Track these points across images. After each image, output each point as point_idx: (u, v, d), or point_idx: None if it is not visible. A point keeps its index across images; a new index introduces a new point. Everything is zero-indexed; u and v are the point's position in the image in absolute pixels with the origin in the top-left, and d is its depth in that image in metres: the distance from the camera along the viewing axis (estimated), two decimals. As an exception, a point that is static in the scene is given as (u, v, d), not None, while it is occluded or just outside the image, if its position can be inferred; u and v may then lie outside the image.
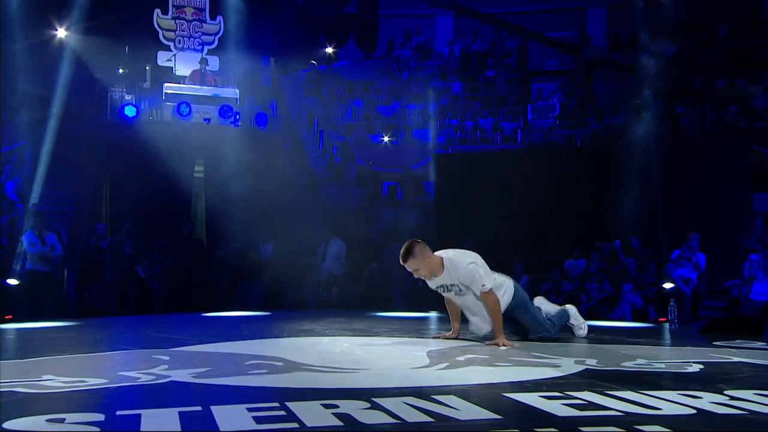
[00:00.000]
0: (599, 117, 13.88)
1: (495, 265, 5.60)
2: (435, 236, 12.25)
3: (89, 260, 10.37)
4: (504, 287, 5.30)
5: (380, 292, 10.85)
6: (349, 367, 4.03)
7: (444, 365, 4.15)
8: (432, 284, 5.28)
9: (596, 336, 6.18)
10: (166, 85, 13.23)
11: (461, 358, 4.46)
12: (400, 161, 14.91)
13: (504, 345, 5.02)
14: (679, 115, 14.35)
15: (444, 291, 5.29)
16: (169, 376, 3.55)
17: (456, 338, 5.45)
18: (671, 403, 3.10)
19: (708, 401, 3.14)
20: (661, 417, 2.83)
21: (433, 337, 5.60)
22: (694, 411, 2.95)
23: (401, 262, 5.08)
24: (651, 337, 6.22)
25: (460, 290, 5.19)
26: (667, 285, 9.91)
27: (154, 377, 3.50)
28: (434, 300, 10.17)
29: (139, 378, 3.45)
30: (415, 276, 5.18)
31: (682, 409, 3.00)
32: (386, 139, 15.60)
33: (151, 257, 10.85)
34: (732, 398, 3.20)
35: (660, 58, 15.48)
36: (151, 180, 11.46)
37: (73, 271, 10.23)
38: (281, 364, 4.11)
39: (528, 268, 11.69)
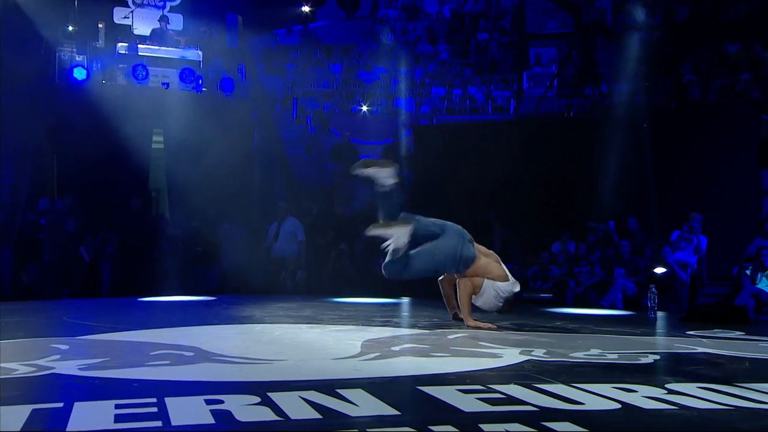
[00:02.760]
0: (598, 85, 13.75)
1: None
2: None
3: (25, 238, 10.31)
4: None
5: (347, 276, 10.80)
6: (265, 358, 3.98)
7: (372, 356, 4.11)
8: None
9: (563, 324, 6.15)
10: (120, 45, 13.07)
11: (396, 348, 4.43)
12: (380, 133, 14.79)
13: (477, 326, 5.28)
14: (687, 84, 14.24)
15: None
16: (53, 368, 3.49)
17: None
18: (598, 397, 3.07)
19: (641, 395, 3.10)
20: (576, 413, 2.79)
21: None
22: (619, 406, 2.92)
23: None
24: (623, 326, 6.18)
25: None
26: (659, 270, 9.86)
27: (35, 369, 3.45)
28: (407, 285, 10.30)
29: (17, 370, 3.40)
30: None
31: (607, 403, 2.96)
32: (365, 108, 15.48)
33: (97, 236, 10.79)
34: (670, 392, 3.17)
35: (670, 19, 15.37)
36: (104, 151, 11.35)
37: (8, 250, 10.16)
38: (191, 354, 4.07)
39: (514, 251, 11.65)
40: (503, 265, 5.72)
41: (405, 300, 9.15)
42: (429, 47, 17.24)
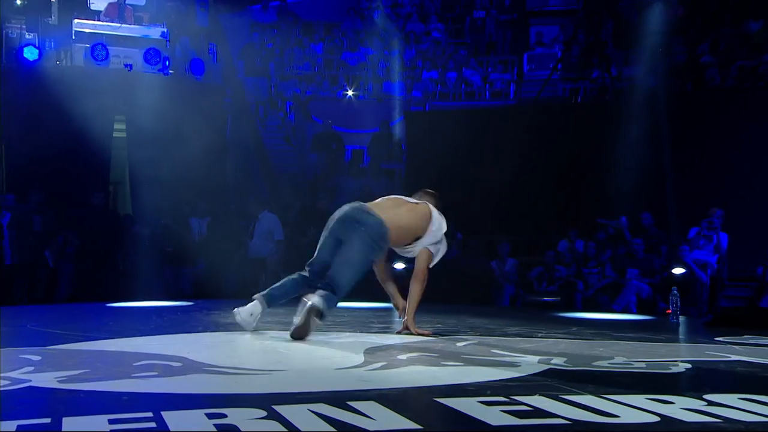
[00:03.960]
0: (608, 68, 13.86)
1: (478, 245, 5.77)
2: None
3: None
4: None
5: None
6: (262, 369, 4.01)
7: (378, 365, 4.14)
8: None
9: (579, 330, 6.22)
10: (76, 21, 12.98)
11: (403, 357, 4.46)
12: (367, 120, 14.83)
13: (417, 332, 5.36)
14: (704, 65, 14.35)
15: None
16: (29, 381, 3.49)
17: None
18: (634, 409, 3.11)
19: (679, 407, 3.15)
20: (613, 426, 2.83)
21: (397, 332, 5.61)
22: (658, 419, 2.96)
23: None
24: (645, 331, 6.25)
25: None
26: (678, 270, 9.97)
27: (8, 382, 3.45)
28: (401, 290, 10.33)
29: (-10, 383, 3.40)
30: None
31: (644, 416, 3.01)
32: (351, 93, 15.51)
33: (58, 236, 10.75)
34: (710, 403, 3.21)
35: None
36: (58, 141, 11.29)
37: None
38: (179, 364, 4.08)
39: (516, 250, 11.73)
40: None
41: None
42: (420, 25, 17.30)
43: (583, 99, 14.24)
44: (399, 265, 10.60)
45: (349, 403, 3.10)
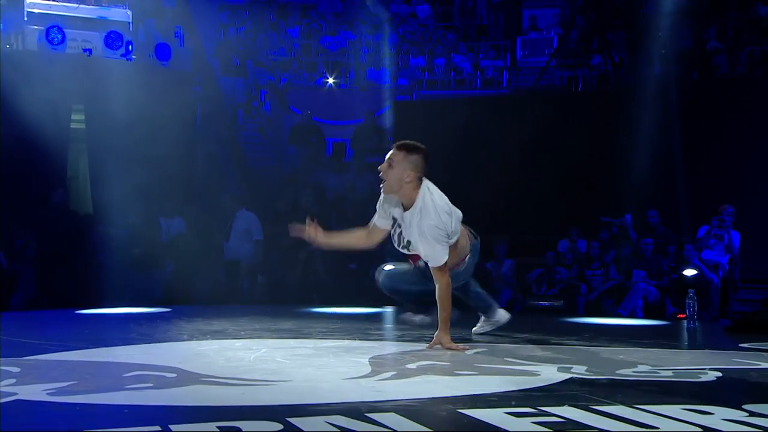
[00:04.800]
0: (609, 54, 13.98)
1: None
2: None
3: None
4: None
5: (320, 282, 10.87)
6: (264, 379, 4.04)
7: (388, 375, 4.19)
8: (385, 206, 5.30)
9: (592, 336, 6.29)
10: (29, 1, 12.85)
11: (412, 366, 4.51)
12: (349, 110, 14.85)
13: (450, 348, 5.11)
14: (711, 52, 14.51)
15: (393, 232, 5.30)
16: (16, 394, 3.51)
17: None
18: (671, 420, 3.18)
19: (720, 418, 3.22)
20: (655, 437, 2.90)
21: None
22: (700, 430, 3.03)
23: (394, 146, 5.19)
24: (662, 337, 6.35)
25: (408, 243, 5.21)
26: (689, 272, 10.09)
27: (-6, 395, 3.46)
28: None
29: (-28, 397, 3.41)
30: (381, 175, 5.16)
31: (685, 427, 3.08)
32: (331, 81, 15.52)
33: (16, 238, 10.68)
34: (751, 414, 3.29)
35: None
36: (11, 133, 11.20)
37: None
38: (173, 375, 4.11)
39: (513, 250, 11.80)
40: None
41: (390, 309, 9.24)
42: (404, 7, 17.33)
43: (584, 88, 14.34)
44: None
45: (369, 415, 3.15)
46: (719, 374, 4.32)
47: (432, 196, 5.13)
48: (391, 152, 5.16)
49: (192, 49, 15.43)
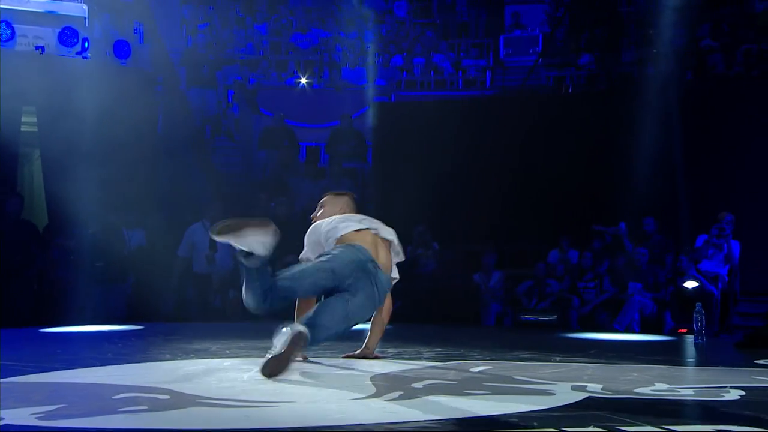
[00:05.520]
0: (600, 53, 14.14)
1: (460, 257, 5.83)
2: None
3: None
4: None
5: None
6: (265, 400, 4.05)
7: (395, 395, 4.21)
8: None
9: (597, 352, 6.37)
10: (-27, -7, 12.75)
11: (419, 385, 4.54)
12: (324, 112, 14.89)
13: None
14: (705, 50, 14.68)
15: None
16: (2, 419, 3.49)
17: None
18: (707, 441, 3.25)
19: (755, 439, 3.29)
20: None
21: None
22: (738, 451, 3.10)
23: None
24: (671, 354, 6.44)
25: None
26: (690, 284, 10.22)
27: (-21, 420, 3.45)
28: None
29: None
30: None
31: (722, 448, 3.15)
32: (304, 81, 15.55)
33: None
34: (785, 434, 3.36)
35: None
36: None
37: None
38: (167, 397, 4.11)
39: (501, 261, 11.89)
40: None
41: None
42: (380, 2, 17.39)
43: (574, 89, 14.47)
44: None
45: (388, 438, 3.19)
46: (742, 393, 4.39)
47: None
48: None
49: (153, 47, 15.39)
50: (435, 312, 10.59)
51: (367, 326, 5.86)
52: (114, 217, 11.90)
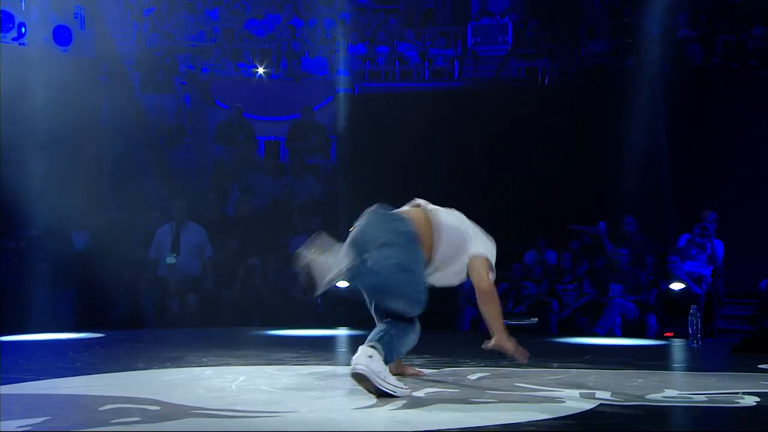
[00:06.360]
0: (576, 43, 14.29)
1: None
2: (340, 218, 12.37)
3: None
4: None
5: (262, 301, 10.89)
6: (264, 410, 4.08)
7: (400, 404, 4.26)
8: None
9: (593, 358, 6.47)
10: None
11: (420, 394, 4.60)
12: (283, 105, 14.86)
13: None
14: (683, 40, 14.88)
15: None
16: (-14, 432, 3.50)
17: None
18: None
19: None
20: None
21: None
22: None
23: None
24: (667, 358, 6.56)
25: None
26: (676, 285, 10.38)
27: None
28: (342, 314, 10.46)
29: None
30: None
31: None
32: (261, 71, 15.50)
33: None
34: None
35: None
36: None
37: None
38: (157, 408, 4.12)
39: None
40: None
41: (348, 332, 9.36)
42: (339, -14, 17.42)
43: (550, 81, 14.59)
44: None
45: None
46: (757, 399, 4.50)
47: None
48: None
49: (95, 33, 15.25)
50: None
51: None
52: (58, 217, 11.78)
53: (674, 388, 4.87)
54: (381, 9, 17.14)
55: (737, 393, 4.69)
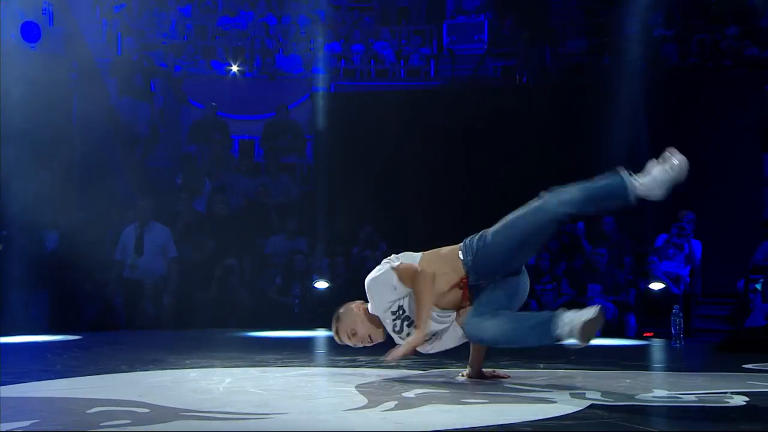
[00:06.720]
0: (552, 42, 14.37)
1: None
2: (318, 219, 12.39)
3: None
4: None
5: (239, 302, 10.87)
6: (255, 412, 4.06)
7: (391, 405, 4.26)
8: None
9: (578, 358, 6.51)
10: None
11: (410, 394, 4.60)
12: (258, 103, 14.84)
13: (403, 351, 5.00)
14: (659, 39, 15.00)
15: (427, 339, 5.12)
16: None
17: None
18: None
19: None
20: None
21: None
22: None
23: (337, 341, 5.21)
24: (653, 359, 6.61)
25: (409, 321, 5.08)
26: (656, 285, 10.46)
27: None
28: (320, 315, 10.46)
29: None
30: (365, 344, 5.20)
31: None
32: (235, 69, 15.47)
33: None
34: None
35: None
36: None
37: None
38: (146, 410, 4.09)
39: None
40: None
41: (326, 332, 9.37)
42: (312, -17, 17.42)
43: (528, 80, 14.65)
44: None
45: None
46: (746, 398, 4.54)
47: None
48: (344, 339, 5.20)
49: (65, 30, 15.15)
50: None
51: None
52: (29, 217, 11.70)
53: (663, 388, 4.91)
54: (356, 7, 17.15)
55: (726, 393, 4.73)
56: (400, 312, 5.08)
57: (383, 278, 5.06)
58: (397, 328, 5.10)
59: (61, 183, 12.38)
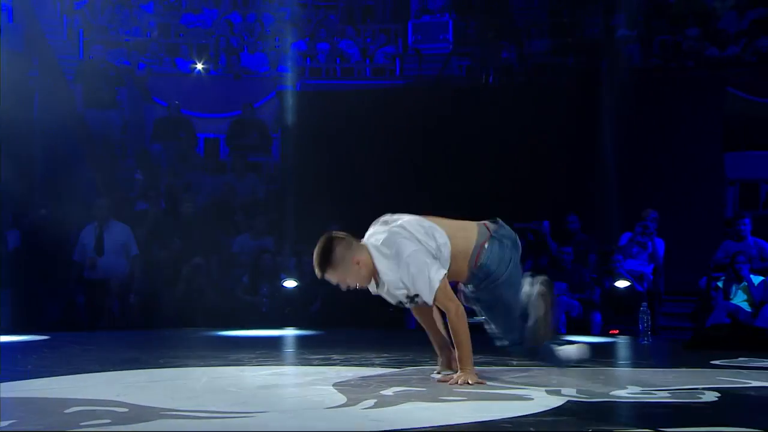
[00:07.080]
0: (518, 41, 14.47)
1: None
2: (285, 217, 12.37)
3: None
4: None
5: (205, 301, 10.85)
6: (235, 411, 4.08)
7: (370, 403, 4.30)
8: (374, 291, 5.20)
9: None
10: None
11: (389, 392, 4.64)
12: (223, 101, 14.81)
13: (472, 382, 4.95)
14: (622, 40, 15.13)
15: (404, 303, 5.19)
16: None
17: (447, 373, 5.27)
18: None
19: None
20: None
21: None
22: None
23: (318, 275, 5.03)
24: (622, 356, 6.70)
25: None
26: (621, 283, 10.57)
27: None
28: (289, 314, 10.51)
29: None
30: (343, 288, 5.11)
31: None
32: (200, 67, 15.40)
33: None
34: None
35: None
36: None
37: None
38: (125, 410, 4.10)
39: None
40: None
41: (295, 332, 9.41)
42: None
43: (493, 80, 14.71)
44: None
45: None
46: (718, 394, 4.63)
47: (377, 242, 5.15)
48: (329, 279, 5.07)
49: (25, 27, 15.04)
50: (356, 315, 10.64)
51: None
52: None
53: (636, 385, 4.98)
54: (321, 5, 17.14)
55: (697, 389, 4.82)
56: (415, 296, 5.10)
57: (424, 279, 5.05)
58: (403, 300, 5.14)
59: (22, 180, 12.33)
